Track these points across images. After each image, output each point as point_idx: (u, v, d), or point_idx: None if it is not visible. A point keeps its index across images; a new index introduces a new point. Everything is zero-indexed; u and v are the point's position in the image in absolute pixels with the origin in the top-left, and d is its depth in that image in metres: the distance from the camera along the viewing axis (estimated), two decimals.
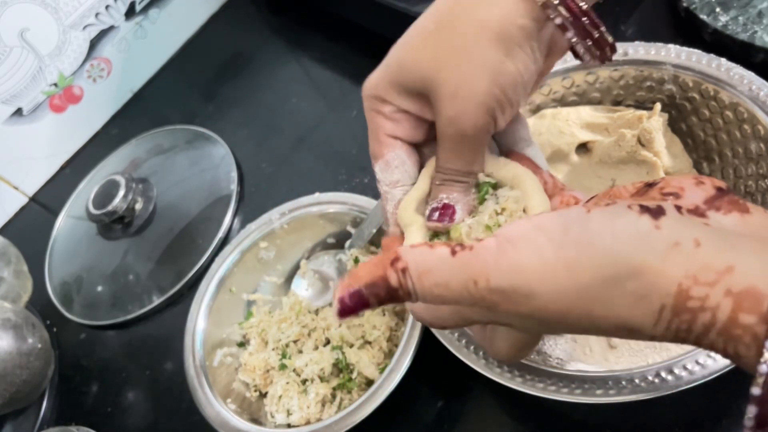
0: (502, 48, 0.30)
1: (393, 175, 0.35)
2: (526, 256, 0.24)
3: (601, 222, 0.24)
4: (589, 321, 0.24)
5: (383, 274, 0.26)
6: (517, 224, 0.25)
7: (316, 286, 0.59)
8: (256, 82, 0.80)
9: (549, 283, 0.24)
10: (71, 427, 0.61)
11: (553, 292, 0.24)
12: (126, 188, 0.70)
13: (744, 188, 0.46)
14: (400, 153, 0.35)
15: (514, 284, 0.24)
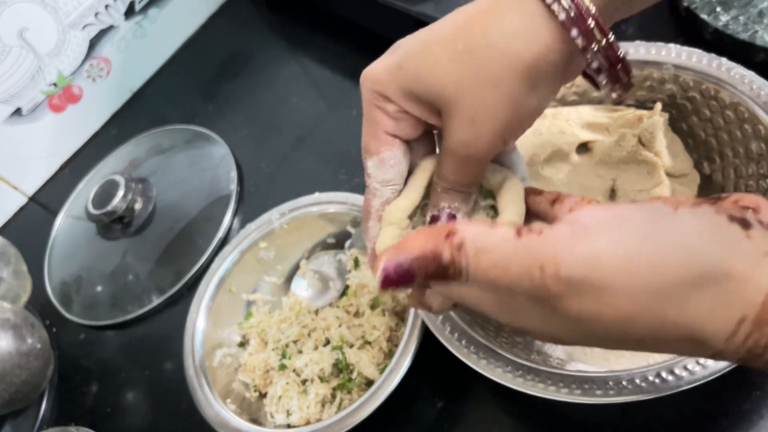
0: (529, 82, 0.30)
1: (387, 174, 0.34)
2: (605, 246, 0.22)
3: (691, 222, 0.22)
4: (656, 328, 0.22)
5: (435, 249, 0.25)
6: (593, 211, 0.24)
7: (316, 286, 0.58)
8: (255, 81, 0.80)
9: (628, 278, 0.22)
10: (71, 427, 0.61)
11: (631, 288, 0.22)
12: (125, 188, 0.70)
13: (745, 188, 0.46)
14: (397, 152, 0.34)
15: (589, 275, 0.22)
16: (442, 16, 0.59)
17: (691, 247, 0.22)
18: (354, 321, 0.54)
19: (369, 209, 0.35)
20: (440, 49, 0.31)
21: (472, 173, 0.33)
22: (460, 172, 0.32)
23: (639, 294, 0.22)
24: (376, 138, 0.34)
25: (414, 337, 0.46)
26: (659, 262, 0.22)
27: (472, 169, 0.32)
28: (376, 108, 0.33)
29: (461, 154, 0.31)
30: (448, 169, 0.33)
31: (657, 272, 0.21)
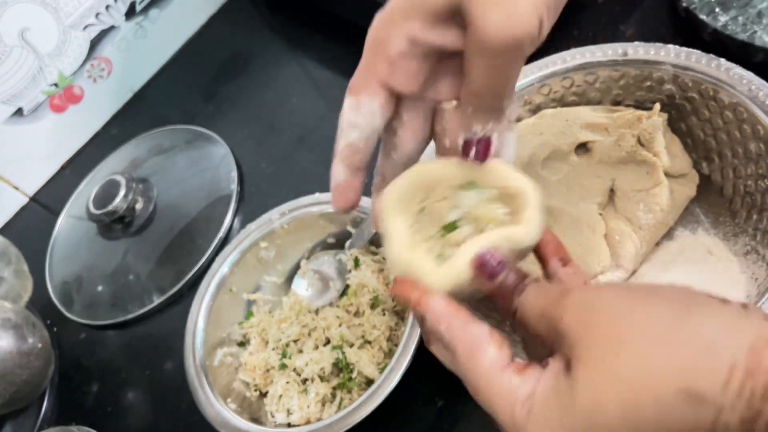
0: None
1: (357, 118, 0.33)
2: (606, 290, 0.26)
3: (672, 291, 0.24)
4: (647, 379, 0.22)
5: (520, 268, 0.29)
6: None
7: (316, 286, 0.59)
8: (256, 82, 0.80)
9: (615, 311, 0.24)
10: (71, 426, 0.61)
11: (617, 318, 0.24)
12: (126, 188, 0.70)
13: (744, 188, 0.46)
14: (376, 103, 0.32)
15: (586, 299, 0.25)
16: None
17: (669, 306, 0.23)
18: (354, 320, 0.54)
19: (335, 148, 0.34)
20: None
21: (508, 72, 0.30)
22: (493, 72, 0.29)
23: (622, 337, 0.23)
24: (364, 82, 0.32)
25: (414, 336, 0.46)
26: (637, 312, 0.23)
27: (509, 65, 0.29)
28: (376, 53, 0.32)
29: (495, 44, 0.28)
30: (479, 74, 0.29)
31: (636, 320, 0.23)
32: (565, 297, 0.26)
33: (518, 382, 0.26)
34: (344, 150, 0.34)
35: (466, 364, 0.28)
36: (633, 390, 0.22)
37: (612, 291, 0.25)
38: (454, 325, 0.29)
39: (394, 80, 0.32)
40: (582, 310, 0.25)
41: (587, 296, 0.25)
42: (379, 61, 0.31)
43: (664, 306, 0.23)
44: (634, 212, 0.48)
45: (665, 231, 0.49)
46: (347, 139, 0.33)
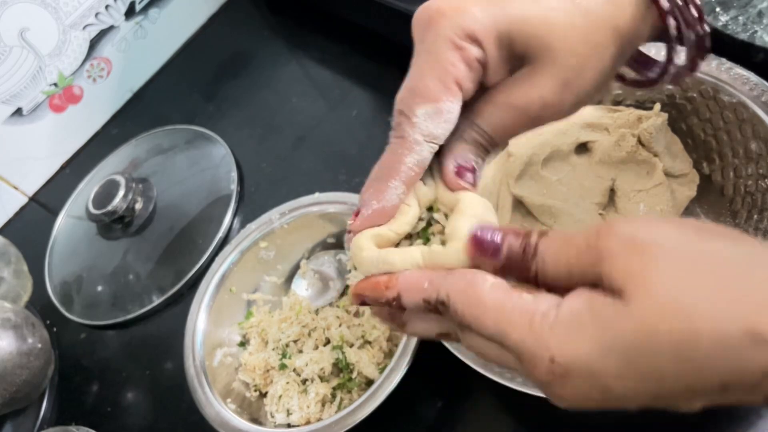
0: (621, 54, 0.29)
1: (438, 128, 0.28)
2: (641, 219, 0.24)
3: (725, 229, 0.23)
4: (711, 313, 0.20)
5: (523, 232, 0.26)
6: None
7: (316, 286, 0.58)
8: (256, 82, 0.80)
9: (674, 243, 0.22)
10: (71, 426, 0.61)
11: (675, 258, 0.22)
12: (126, 188, 0.70)
13: (744, 188, 0.46)
14: (457, 108, 0.28)
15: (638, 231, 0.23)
16: None
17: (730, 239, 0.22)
18: (354, 320, 0.54)
19: (396, 165, 0.29)
20: (558, 7, 0.28)
21: (517, 132, 0.30)
22: (511, 128, 0.29)
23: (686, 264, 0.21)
24: (442, 82, 0.28)
25: (414, 336, 0.46)
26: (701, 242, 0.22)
27: (524, 129, 0.30)
28: (455, 48, 0.28)
29: (530, 111, 0.28)
30: (499, 123, 0.29)
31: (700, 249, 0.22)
32: (606, 238, 0.23)
33: (531, 298, 0.24)
34: (414, 169, 0.29)
35: (465, 303, 0.25)
36: (694, 322, 0.20)
37: (662, 225, 0.23)
38: (436, 278, 0.26)
39: (468, 86, 0.29)
40: (632, 246, 0.22)
41: (635, 231, 0.23)
42: (458, 61, 0.28)
43: (726, 243, 0.22)
44: (634, 212, 0.48)
45: None
46: (421, 156, 0.29)
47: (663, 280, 0.21)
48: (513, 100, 0.29)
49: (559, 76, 0.28)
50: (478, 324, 0.25)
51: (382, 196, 0.29)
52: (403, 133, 0.29)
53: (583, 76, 0.28)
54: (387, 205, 0.29)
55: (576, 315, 0.23)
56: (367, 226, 0.29)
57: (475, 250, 0.26)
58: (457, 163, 0.29)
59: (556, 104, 0.28)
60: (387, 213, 0.29)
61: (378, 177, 0.29)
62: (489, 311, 0.24)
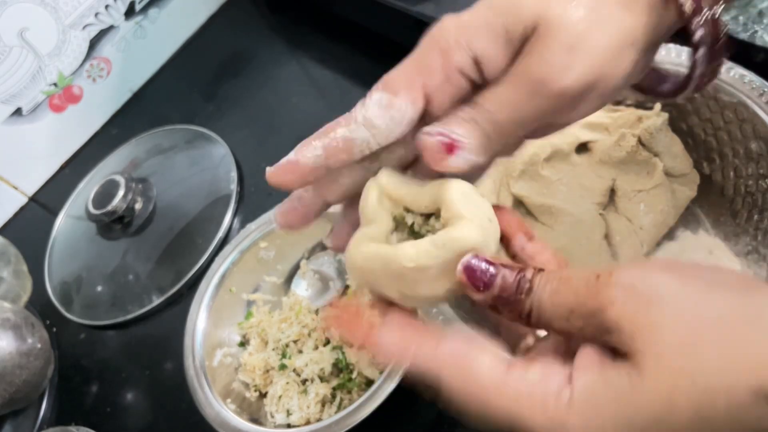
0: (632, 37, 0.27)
1: (380, 119, 0.27)
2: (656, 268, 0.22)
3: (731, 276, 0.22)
4: (723, 373, 0.20)
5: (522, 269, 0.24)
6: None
7: (316, 286, 0.58)
8: (255, 81, 0.80)
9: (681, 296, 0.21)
10: (71, 427, 0.61)
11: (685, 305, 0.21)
12: (126, 188, 0.70)
13: (744, 188, 0.46)
14: (410, 111, 0.27)
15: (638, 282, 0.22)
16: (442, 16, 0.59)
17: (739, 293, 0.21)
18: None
19: (327, 130, 0.29)
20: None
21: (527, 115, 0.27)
22: (518, 104, 0.27)
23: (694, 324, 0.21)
24: (409, 81, 0.27)
25: None
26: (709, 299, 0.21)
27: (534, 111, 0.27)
28: (440, 54, 0.27)
29: (537, 83, 0.26)
30: (504, 101, 0.27)
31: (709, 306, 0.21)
32: (606, 285, 0.22)
33: (538, 376, 0.23)
34: (338, 141, 0.28)
35: (461, 384, 0.24)
36: (707, 390, 0.20)
37: (664, 275, 0.22)
38: (427, 347, 0.25)
39: (440, 95, 0.27)
40: (635, 297, 0.22)
41: (636, 281, 0.22)
42: (435, 68, 0.27)
43: (729, 296, 0.21)
44: (634, 212, 0.48)
45: (666, 231, 0.49)
46: (351, 135, 0.28)
47: (672, 342, 0.21)
48: (513, 71, 0.27)
49: (561, 39, 0.26)
50: (483, 410, 0.23)
51: (301, 151, 0.30)
52: (353, 109, 0.28)
53: (593, 39, 0.26)
54: (300, 159, 0.30)
55: (591, 393, 0.22)
56: (279, 175, 0.31)
57: (467, 280, 0.25)
58: (438, 131, 0.27)
59: (562, 68, 0.26)
60: (299, 169, 0.30)
61: (311, 136, 0.30)
62: (493, 398, 0.23)
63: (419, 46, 0.28)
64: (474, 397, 0.23)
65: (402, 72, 0.27)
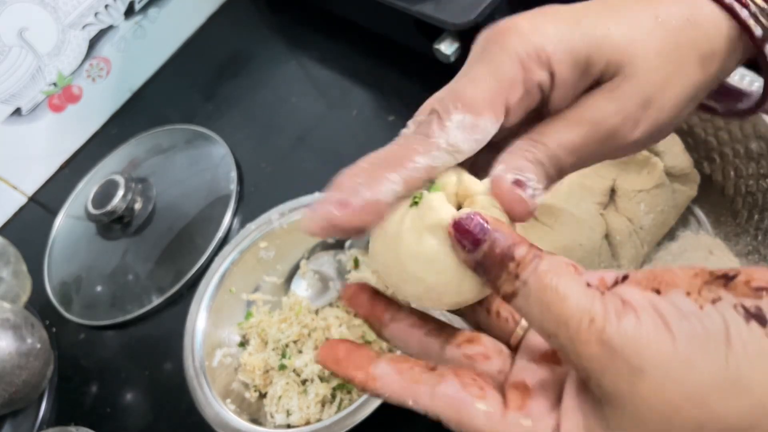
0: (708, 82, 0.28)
1: (466, 143, 0.25)
2: (646, 330, 0.21)
3: (713, 323, 0.21)
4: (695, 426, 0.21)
5: (519, 238, 0.23)
6: (633, 293, 0.22)
7: (316, 286, 0.58)
8: (255, 81, 0.80)
9: (664, 368, 0.21)
10: (70, 427, 0.61)
11: (666, 379, 0.21)
12: (125, 188, 0.70)
13: (745, 188, 0.46)
14: (493, 129, 0.25)
15: (627, 349, 0.21)
16: (442, 16, 0.59)
17: (716, 352, 0.21)
18: (354, 321, 0.54)
19: (404, 160, 0.25)
20: (635, 15, 0.26)
21: (586, 156, 0.26)
22: (581, 146, 0.26)
23: (674, 387, 0.21)
24: (491, 98, 0.25)
25: None
26: (692, 362, 0.21)
27: (595, 153, 0.26)
28: (521, 68, 0.25)
29: (605, 126, 0.25)
30: (568, 140, 0.26)
31: (692, 371, 0.21)
32: (597, 339, 0.22)
33: (530, 423, 0.23)
34: (421, 171, 0.25)
35: (459, 427, 0.25)
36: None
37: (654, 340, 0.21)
38: (423, 395, 0.25)
39: (517, 110, 0.26)
40: (620, 366, 0.21)
41: (625, 347, 0.21)
42: (516, 82, 0.25)
43: (700, 352, 0.21)
44: (635, 212, 0.48)
45: (666, 231, 0.49)
46: (434, 162, 0.25)
47: (647, 413, 0.21)
48: (587, 115, 0.26)
49: (640, 91, 0.25)
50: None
51: (377, 187, 0.25)
52: (428, 131, 0.25)
53: (666, 96, 0.26)
54: (381, 198, 0.24)
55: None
56: (355, 221, 0.24)
57: (454, 234, 0.24)
58: (515, 177, 0.25)
59: (634, 122, 0.26)
60: (380, 209, 0.25)
61: (375, 164, 0.25)
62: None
63: (486, 50, 0.26)
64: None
65: (482, 88, 0.25)
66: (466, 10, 0.55)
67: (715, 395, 0.20)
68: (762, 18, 0.26)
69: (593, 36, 0.25)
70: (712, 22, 0.26)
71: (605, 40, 0.25)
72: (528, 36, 0.25)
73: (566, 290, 0.22)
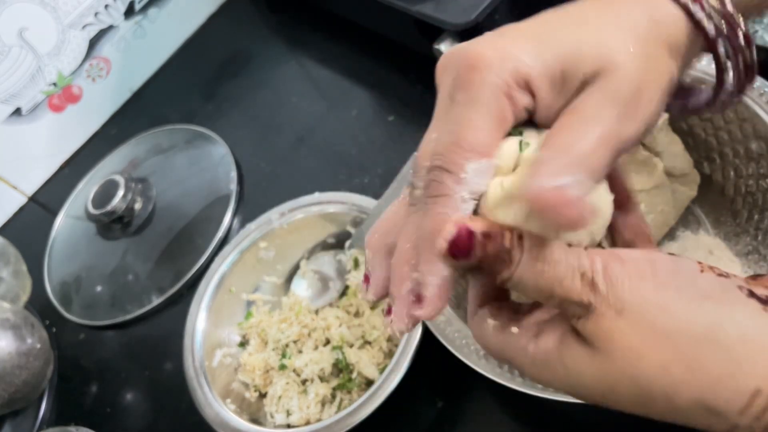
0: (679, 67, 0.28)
1: (484, 185, 0.25)
2: (629, 275, 0.23)
3: (711, 284, 0.23)
4: (664, 382, 0.22)
5: (500, 231, 0.24)
6: (631, 251, 0.24)
7: (316, 286, 0.58)
8: (255, 81, 0.80)
9: (641, 309, 0.22)
10: (70, 427, 0.61)
11: (642, 319, 0.22)
12: (125, 188, 0.70)
13: (745, 188, 0.46)
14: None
15: (610, 291, 0.23)
16: (442, 16, 0.59)
17: (703, 305, 0.22)
18: (354, 321, 0.54)
19: (433, 228, 0.25)
20: (598, 21, 0.26)
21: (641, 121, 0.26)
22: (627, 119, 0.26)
23: (647, 335, 0.22)
24: (494, 136, 0.25)
25: (414, 336, 0.46)
26: (669, 309, 0.22)
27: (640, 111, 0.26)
28: (507, 98, 0.25)
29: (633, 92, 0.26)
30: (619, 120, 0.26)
31: (667, 318, 0.22)
32: (590, 287, 0.23)
33: (517, 332, 0.26)
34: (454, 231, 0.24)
35: (476, 336, 0.28)
36: (649, 388, 0.22)
37: (639, 285, 0.23)
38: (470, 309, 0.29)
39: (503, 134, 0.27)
40: (608, 305, 0.23)
41: (614, 290, 0.23)
42: (509, 116, 0.26)
43: (695, 305, 0.22)
44: None
45: (666, 231, 0.49)
46: (465, 213, 0.25)
47: (626, 346, 0.23)
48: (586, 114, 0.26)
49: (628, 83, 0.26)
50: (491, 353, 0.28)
51: (425, 278, 0.25)
52: (446, 191, 0.25)
53: (652, 86, 0.26)
54: (426, 294, 0.25)
55: (548, 357, 0.25)
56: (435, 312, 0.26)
57: (447, 252, 0.24)
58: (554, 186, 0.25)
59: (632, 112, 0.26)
60: (447, 288, 0.25)
61: (414, 246, 0.26)
62: (492, 350, 0.27)
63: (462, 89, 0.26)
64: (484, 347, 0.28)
65: (482, 129, 0.25)
66: (466, 10, 0.55)
67: (685, 341, 0.22)
68: (715, 17, 0.27)
69: (564, 50, 0.26)
70: (672, 19, 0.27)
71: (577, 52, 0.26)
72: (501, 65, 0.25)
73: (552, 255, 0.24)
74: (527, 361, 0.26)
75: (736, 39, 0.28)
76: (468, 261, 0.24)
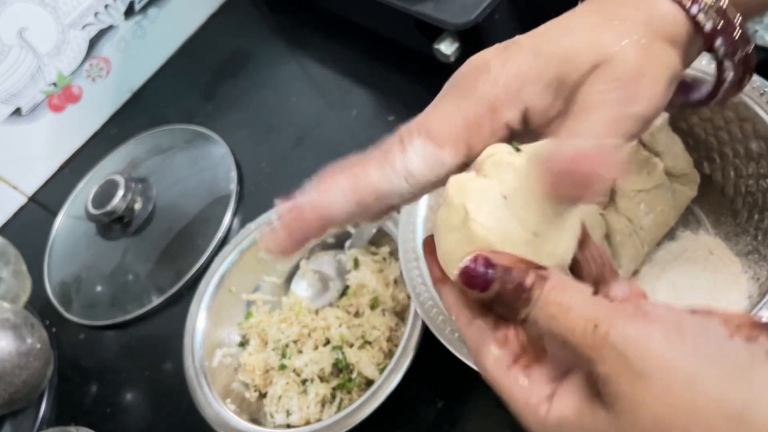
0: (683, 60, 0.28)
1: (420, 169, 0.28)
2: (655, 338, 0.22)
3: (739, 356, 0.21)
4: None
5: (525, 268, 0.24)
6: (658, 305, 0.23)
7: (316, 286, 0.58)
8: (255, 81, 0.80)
9: (668, 378, 0.21)
10: (70, 427, 0.61)
11: (668, 389, 0.21)
12: (125, 188, 0.70)
13: (745, 188, 0.46)
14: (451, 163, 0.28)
15: (631, 354, 0.22)
16: (442, 16, 0.59)
17: (735, 383, 0.21)
18: (354, 321, 0.54)
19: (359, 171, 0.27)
20: (596, 22, 0.27)
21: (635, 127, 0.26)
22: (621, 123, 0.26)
23: (671, 401, 0.21)
24: (454, 135, 0.27)
25: (414, 336, 0.46)
26: (701, 385, 0.21)
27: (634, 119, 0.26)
28: (488, 111, 0.27)
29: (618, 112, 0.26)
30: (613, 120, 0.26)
31: (697, 394, 0.21)
32: (602, 342, 0.22)
33: (526, 386, 0.25)
34: (370, 186, 0.27)
35: (475, 359, 0.27)
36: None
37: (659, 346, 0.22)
38: (461, 320, 0.27)
39: (479, 147, 0.27)
40: (625, 368, 0.22)
41: (630, 350, 0.22)
42: (484, 125, 0.27)
43: (727, 381, 0.21)
44: (635, 212, 0.48)
45: (666, 231, 0.49)
46: (384, 181, 0.27)
47: (649, 415, 0.22)
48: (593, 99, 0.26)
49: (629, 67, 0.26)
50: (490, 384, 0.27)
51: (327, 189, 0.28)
52: (388, 150, 0.27)
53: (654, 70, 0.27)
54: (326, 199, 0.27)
55: (564, 423, 0.24)
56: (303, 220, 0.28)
57: (463, 283, 0.25)
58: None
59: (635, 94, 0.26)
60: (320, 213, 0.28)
61: (335, 170, 0.28)
62: (491, 380, 0.26)
63: (458, 87, 0.27)
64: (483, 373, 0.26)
65: (449, 125, 0.27)
66: (466, 10, 0.55)
67: (716, 421, 0.21)
68: (712, 13, 0.27)
69: (557, 55, 0.27)
70: (670, 16, 0.28)
71: (570, 54, 0.27)
72: (497, 77, 0.27)
73: (570, 302, 0.23)
74: (534, 420, 0.24)
75: (732, 35, 0.28)
76: (485, 293, 0.25)
